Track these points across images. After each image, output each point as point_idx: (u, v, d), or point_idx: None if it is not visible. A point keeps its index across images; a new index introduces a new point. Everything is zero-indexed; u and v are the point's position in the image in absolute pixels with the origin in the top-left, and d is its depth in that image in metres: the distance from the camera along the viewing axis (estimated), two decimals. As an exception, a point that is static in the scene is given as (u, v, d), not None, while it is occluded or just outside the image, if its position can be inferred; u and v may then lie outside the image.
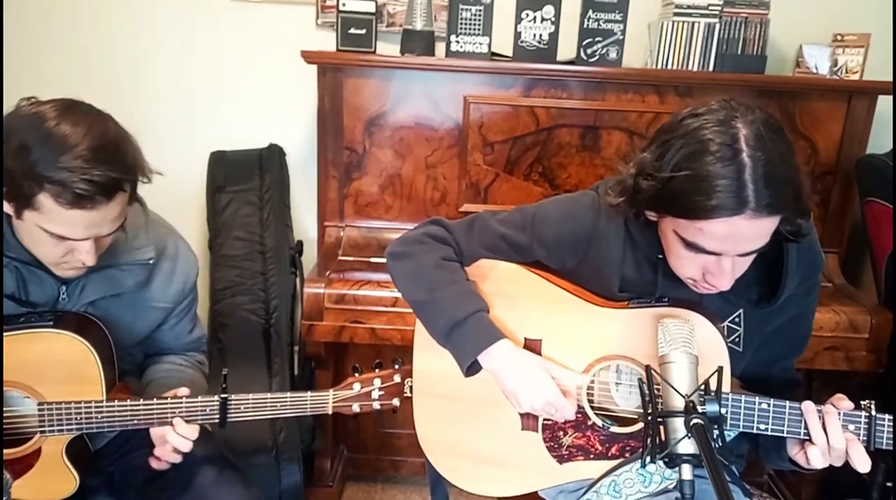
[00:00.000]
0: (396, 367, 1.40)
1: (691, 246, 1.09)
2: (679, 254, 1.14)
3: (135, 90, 2.47)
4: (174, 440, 1.29)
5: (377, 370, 1.40)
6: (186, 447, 1.30)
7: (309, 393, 1.36)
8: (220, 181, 2.42)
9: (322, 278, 2.02)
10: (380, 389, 1.38)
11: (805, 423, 1.13)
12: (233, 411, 1.33)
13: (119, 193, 1.18)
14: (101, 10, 2.43)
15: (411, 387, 1.39)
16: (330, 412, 1.36)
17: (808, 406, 1.13)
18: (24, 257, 1.27)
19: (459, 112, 2.13)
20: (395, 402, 1.39)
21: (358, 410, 1.37)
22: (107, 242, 1.26)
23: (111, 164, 1.15)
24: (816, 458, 1.13)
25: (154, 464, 1.33)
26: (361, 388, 1.37)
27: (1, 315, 1.26)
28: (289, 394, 1.35)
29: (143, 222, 1.38)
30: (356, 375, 1.39)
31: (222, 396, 1.32)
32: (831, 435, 1.11)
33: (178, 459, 1.31)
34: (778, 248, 1.16)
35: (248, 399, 1.33)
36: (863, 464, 1.10)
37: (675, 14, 2.11)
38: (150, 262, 1.37)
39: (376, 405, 1.38)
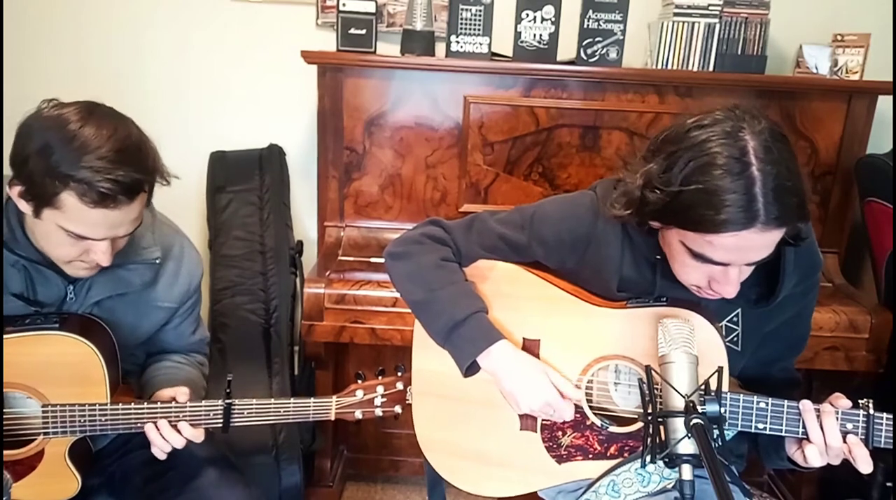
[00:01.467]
0: (399, 374, 1.40)
1: (699, 257, 1.09)
2: (684, 263, 1.14)
3: (135, 90, 2.48)
4: (174, 440, 1.30)
5: (380, 377, 1.40)
6: (181, 444, 1.30)
7: (312, 399, 1.36)
8: (220, 181, 2.42)
9: (322, 278, 2.02)
10: (382, 396, 1.38)
11: (803, 422, 1.13)
12: (236, 416, 1.33)
13: (140, 193, 1.20)
14: (101, 9, 2.44)
15: (412, 395, 1.39)
16: (332, 419, 1.37)
17: (806, 405, 1.13)
18: (32, 256, 1.28)
19: (459, 112, 2.13)
20: (398, 409, 1.39)
21: (360, 416, 1.38)
22: (122, 243, 1.27)
23: (134, 165, 1.17)
24: (814, 457, 1.13)
25: (156, 452, 1.32)
26: (364, 395, 1.38)
27: (1, 316, 1.26)
28: (292, 400, 1.35)
29: (150, 222, 1.38)
30: (359, 381, 1.39)
31: (226, 401, 1.32)
32: (828, 434, 1.11)
33: (168, 448, 1.31)
34: (776, 249, 1.16)
35: (251, 405, 1.34)
36: (865, 465, 1.11)
37: (675, 14, 2.11)
38: (157, 262, 1.38)
39: (378, 412, 1.38)
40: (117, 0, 2.43)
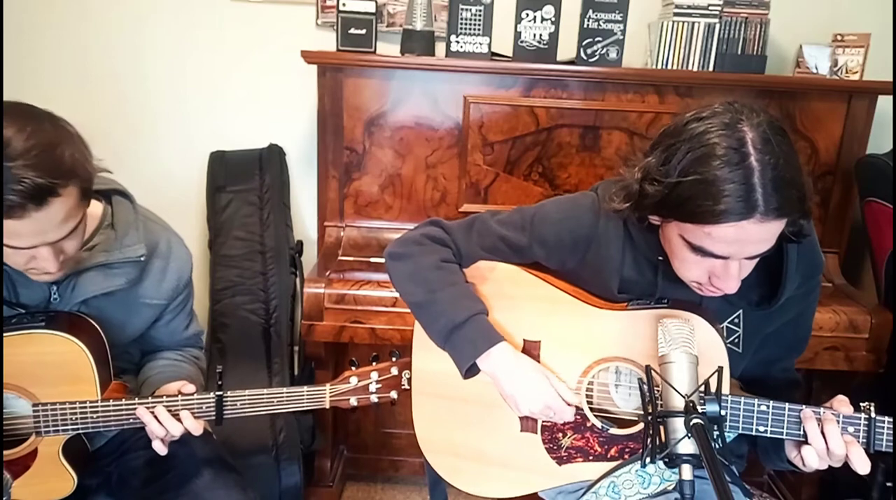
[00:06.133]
0: (394, 359, 1.40)
1: (698, 250, 1.09)
2: (684, 257, 1.13)
3: (135, 90, 2.46)
4: (172, 428, 1.28)
5: (374, 364, 1.39)
6: (180, 432, 1.29)
7: (306, 388, 1.35)
8: (220, 181, 2.42)
9: (322, 278, 2.02)
10: (377, 382, 1.37)
11: (803, 427, 1.13)
12: (229, 407, 1.32)
13: (53, 198, 1.12)
14: (100, 9, 2.43)
15: (409, 379, 1.38)
16: (327, 406, 1.36)
17: (807, 413, 1.13)
18: None
19: (459, 112, 2.13)
20: (393, 394, 1.38)
21: (355, 403, 1.37)
22: (70, 248, 1.22)
23: (40, 169, 1.09)
24: (812, 460, 1.12)
25: (156, 446, 1.31)
26: (359, 381, 1.37)
27: (1, 316, 1.26)
28: (285, 389, 1.34)
29: (132, 219, 1.36)
30: (353, 368, 1.39)
31: (217, 393, 1.31)
32: (830, 441, 1.10)
33: (163, 433, 1.29)
34: (778, 249, 1.15)
35: (244, 395, 1.33)
36: (862, 466, 1.10)
37: (675, 14, 2.11)
38: (141, 259, 1.36)
39: (374, 398, 1.37)
40: (118, 0, 2.43)
